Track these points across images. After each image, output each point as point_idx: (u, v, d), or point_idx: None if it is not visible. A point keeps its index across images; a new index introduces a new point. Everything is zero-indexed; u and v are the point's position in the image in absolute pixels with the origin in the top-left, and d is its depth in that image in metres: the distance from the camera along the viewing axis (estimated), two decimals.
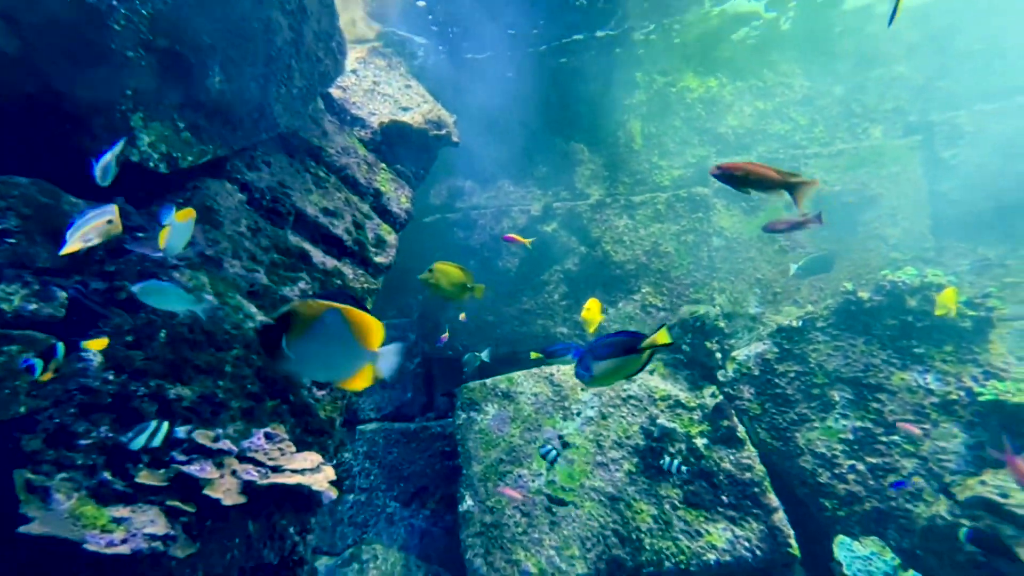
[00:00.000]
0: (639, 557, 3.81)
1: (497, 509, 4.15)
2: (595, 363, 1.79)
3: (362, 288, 2.66)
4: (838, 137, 5.08)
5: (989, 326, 3.90)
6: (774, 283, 5.14)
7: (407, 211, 3.29)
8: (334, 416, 2.29)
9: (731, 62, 5.25)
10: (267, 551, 1.79)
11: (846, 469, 4.12)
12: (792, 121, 5.20)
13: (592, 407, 4.58)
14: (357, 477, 5.58)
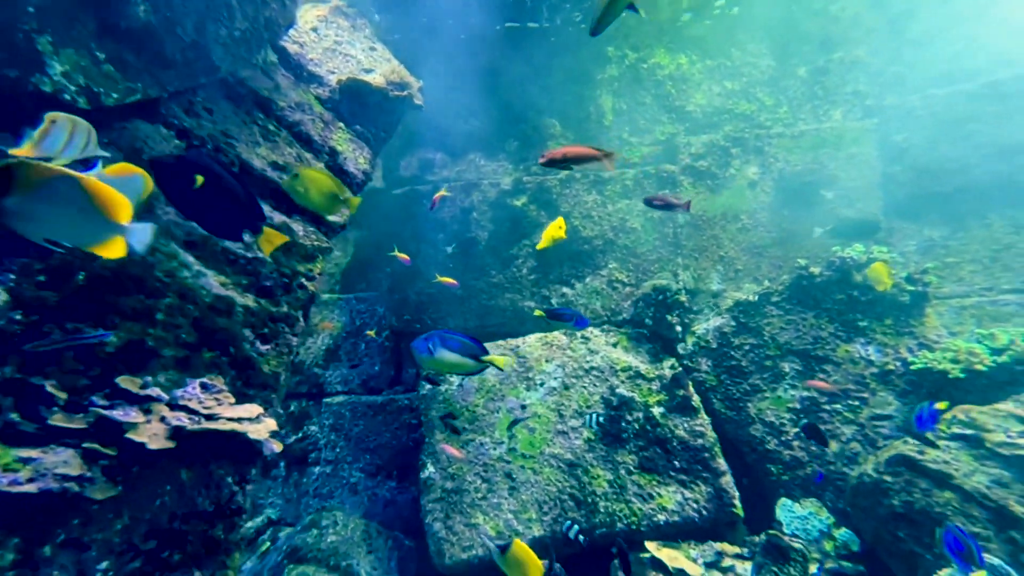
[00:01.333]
0: (593, 519, 3.94)
1: (458, 476, 4.21)
2: (440, 349, 1.88)
3: (312, 246, 2.60)
4: (801, 118, 5.19)
5: (925, 301, 4.11)
6: (736, 261, 5.28)
7: (365, 172, 3.22)
8: (279, 371, 2.26)
9: (701, 40, 5.27)
10: (201, 499, 1.77)
11: (792, 436, 4.33)
12: (758, 101, 5.28)
13: (556, 378, 4.65)
14: (323, 450, 5.56)
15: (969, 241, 4.68)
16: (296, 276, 2.42)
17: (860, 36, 4.88)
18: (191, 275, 1.95)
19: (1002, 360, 3.35)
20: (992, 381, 3.40)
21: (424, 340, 1.91)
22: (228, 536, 1.82)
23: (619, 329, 5.03)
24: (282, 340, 2.28)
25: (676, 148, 5.38)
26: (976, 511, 2.85)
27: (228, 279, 2.10)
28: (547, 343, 4.86)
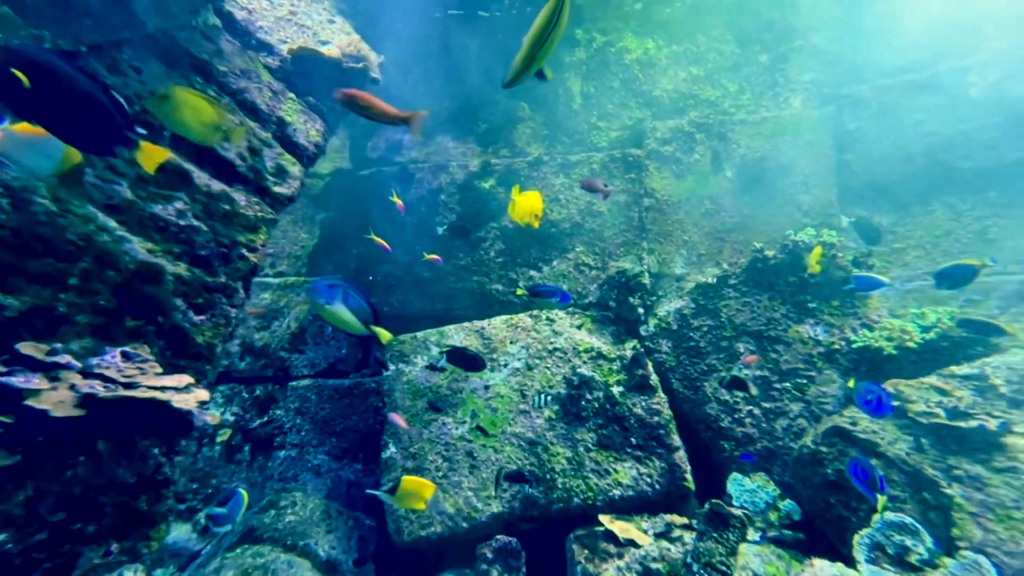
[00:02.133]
0: (551, 495, 4.04)
1: (420, 455, 4.24)
2: (338, 302, 1.88)
3: (255, 217, 2.54)
4: (763, 105, 5.29)
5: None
6: (699, 245, 5.39)
7: (317, 145, 3.14)
8: (215, 342, 2.22)
9: (667, 25, 5.29)
10: (123, 470, 1.74)
11: (744, 414, 4.50)
12: (723, 87, 5.35)
13: (519, 359, 4.71)
14: (289, 434, 5.52)
15: (914, 228, 4.89)
16: (236, 246, 2.35)
17: (818, 25, 4.98)
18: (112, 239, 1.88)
19: (929, 337, 3.55)
20: (920, 357, 3.60)
21: (329, 288, 1.89)
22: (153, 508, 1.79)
23: (584, 312, 5.10)
24: (219, 311, 2.22)
25: (643, 133, 5.42)
26: (896, 475, 3.03)
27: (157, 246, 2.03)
28: (512, 325, 4.90)
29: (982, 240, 4.60)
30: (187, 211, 2.19)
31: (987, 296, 4.57)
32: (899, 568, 2.77)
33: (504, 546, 3.73)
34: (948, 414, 3.02)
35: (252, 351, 5.73)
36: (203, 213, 2.21)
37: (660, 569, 3.41)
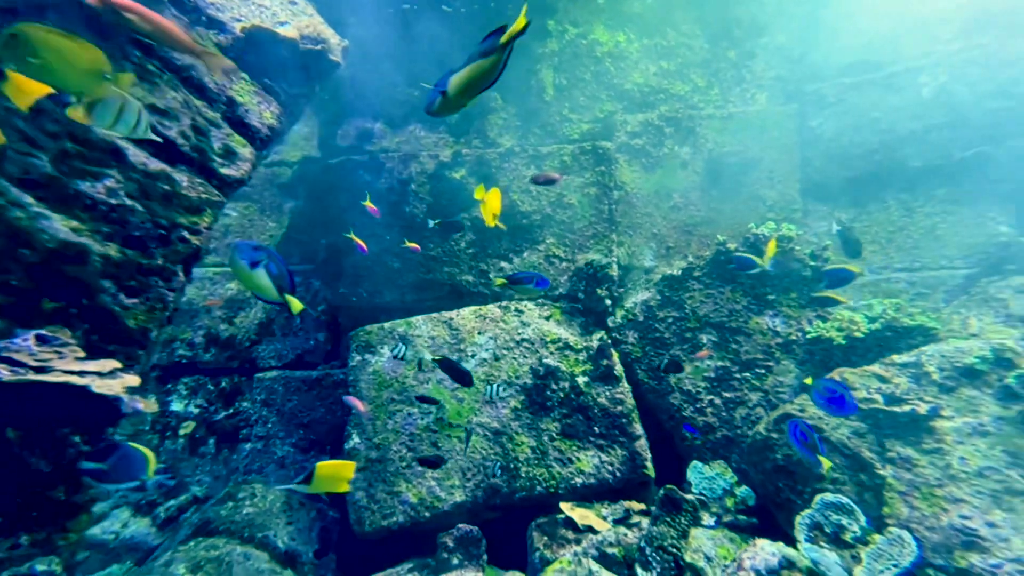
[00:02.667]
0: (514, 484, 4.08)
1: (384, 446, 4.23)
2: (259, 269, 1.83)
3: (199, 198, 2.46)
4: (730, 101, 5.38)
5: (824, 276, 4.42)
6: (668, 238, 5.47)
7: (271, 127, 3.06)
8: (148, 326, 2.15)
9: (639, 18, 5.31)
10: (35, 459, 1.68)
11: (706, 404, 4.61)
12: (692, 82, 5.42)
13: (487, 350, 4.72)
14: (255, 426, 5.44)
15: (871, 223, 5.05)
16: (176, 228, 2.28)
17: (783, 23, 5.07)
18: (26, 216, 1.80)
19: (875, 327, 3.68)
20: (867, 346, 3.73)
21: (252, 250, 1.84)
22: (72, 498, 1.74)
23: (554, 303, 5.13)
24: (154, 294, 2.15)
25: (614, 126, 5.46)
26: (838, 459, 3.16)
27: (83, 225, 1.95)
28: (481, 316, 4.90)
29: (932, 236, 4.78)
30: (119, 190, 2.11)
31: (935, 290, 4.76)
32: (835, 545, 2.90)
33: (465, 535, 3.76)
34: (886, 400, 3.14)
35: (217, 342, 5.61)
36: (139, 192, 2.13)
37: (615, 553, 3.49)
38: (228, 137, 2.68)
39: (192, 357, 5.53)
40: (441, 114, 1.69)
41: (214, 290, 5.62)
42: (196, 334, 5.54)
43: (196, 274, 5.71)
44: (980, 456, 2.74)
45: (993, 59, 4.20)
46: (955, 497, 2.68)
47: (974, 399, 2.97)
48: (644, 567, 3.28)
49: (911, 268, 4.85)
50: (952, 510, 2.64)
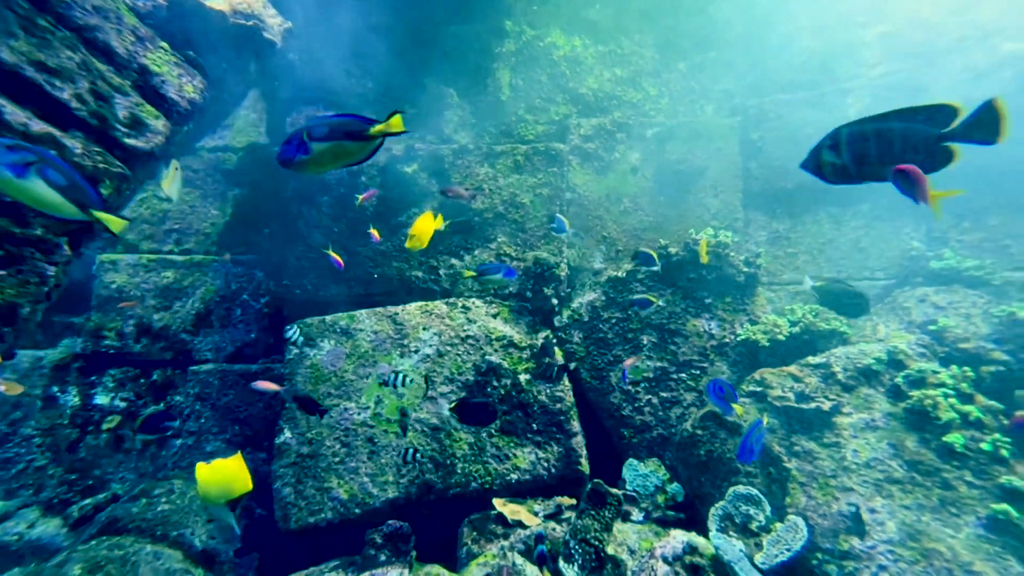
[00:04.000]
0: (449, 480, 4.06)
1: (316, 441, 4.13)
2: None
3: (95, 167, 2.32)
4: (679, 110, 5.56)
5: (757, 281, 4.64)
6: (618, 241, 5.59)
7: (192, 102, 2.93)
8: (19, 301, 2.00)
9: (594, 25, 5.43)
10: None
11: (644, 403, 4.73)
12: (644, 91, 5.58)
13: (431, 345, 4.68)
14: (188, 421, 5.20)
15: (804, 234, 5.33)
16: None
17: (731, 39, 5.30)
18: None
19: (795, 331, 3.89)
20: (788, 348, 3.93)
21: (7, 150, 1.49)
22: None
23: (503, 301, 5.15)
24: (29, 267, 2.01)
25: (568, 129, 5.55)
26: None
27: None
28: (427, 311, 4.86)
29: (856, 248, 5.09)
30: None
31: None
32: (742, 534, 3.03)
33: (395, 531, 3.70)
34: (796, 398, 3.32)
35: (149, 332, 5.34)
36: None
37: (542, 547, 3.51)
38: (138, 107, 2.54)
39: (121, 348, 5.23)
40: (300, 172, 1.70)
41: (148, 278, 5.35)
42: (126, 323, 5.25)
43: (129, 260, 5.42)
44: (869, 449, 2.94)
45: (910, 85, 4.52)
46: (845, 487, 2.86)
47: (870, 397, 3.18)
48: (567, 560, 3.32)
49: (838, 279, 5.14)
50: (842, 498, 2.81)
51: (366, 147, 1.67)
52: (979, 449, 2.71)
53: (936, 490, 2.71)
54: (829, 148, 1.56)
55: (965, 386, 2.95)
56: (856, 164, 1.53)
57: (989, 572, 2.38)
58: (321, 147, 1.64)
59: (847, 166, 1.55)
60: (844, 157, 1.52)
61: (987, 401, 2.91)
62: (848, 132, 1.54)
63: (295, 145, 1.65)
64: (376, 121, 1.65)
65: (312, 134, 1.64)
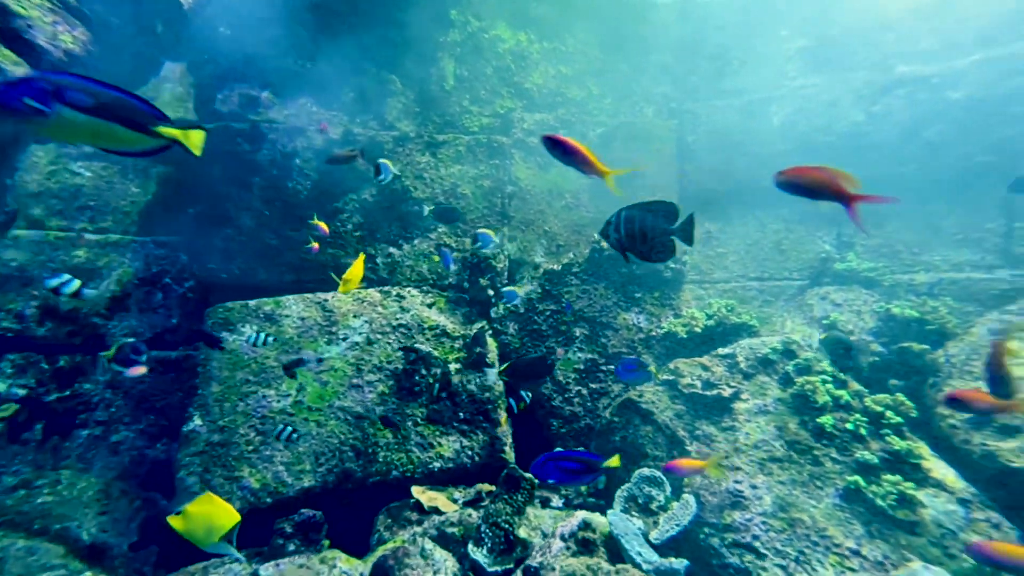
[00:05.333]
0: (370, 468, 4.00)
1: (229, 428, 3.97)
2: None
3: None
4: (621, 111, 5.72)
5: (683, 277, 4.83)
6: (559, 236, 5.68)
7: (69, 53, 2.72)
8: None
9: (540, 20, 5.50)
10: None
11: (573, 394, 4.83)
12: (587, 89, 5.70)
13: (361, 333, 4.60)
14: (96, 410, 4.86)
15: (733, 236, 5.60)
16: None
17: (669, 45, 5.50)
18: None
19: (710, 324, 4.08)
20: (703, 340, 4.13)
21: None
22: None
23: (441, 292, 5.13)
24: None
25: (512, 122, 5.59)
26: (660, 439, 3.45)
27: None
28: (359, 299, 4.77)
29: (778, 250, 5.40)
30: None
31: (777, 297, 5.36)
32: (643, 513, 3.14)
33: (307, 520, 3.61)
34: (703, 385, 3.48)
35: (55, 315, 4.96)
36: None
37: (455, 532, 3.52)
38: None
39: (21, 330, 4.83)
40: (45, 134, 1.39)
41: (55, 256, 4.97)
42: (28, 305, 4.86)
43: (35, 237, 5.03)
44: (759, 431, 3.13)
45: (824, 97, 4.84)
46: (735, 466, 3.03)
47: (765, 384, 3.38)
48: (477, 543, 3.34)
49: (761, 277, 5.43)
50: (731, 477, 2.97)
51: (142, 142, 1.35)
52: (844, 429, 2.95)
53: (807, 466, 2.92)
54: (612, 227, 1.98)
55: (840, 374, 3.19)
56: (628, 240, 1.96)
57: (838, 535, 2.59)
58: (75, 117, 1.24)
59: (622, 241, 1.97)
60: (620, 234, 1.96)
61: (857, 386, 3.16)
62: (621, 217, 1.97)
63: (30, 90, 1.17)
64: (169, 120, 1.35)
65: (69, 97, 1.22)
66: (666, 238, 1.91)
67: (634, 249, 1.95)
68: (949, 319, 3.54)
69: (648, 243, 1.92)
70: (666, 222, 1.90)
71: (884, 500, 2.56)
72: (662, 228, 1.90)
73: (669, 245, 1.93)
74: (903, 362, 3.27)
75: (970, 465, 2.76)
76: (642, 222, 1.91)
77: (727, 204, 5.61)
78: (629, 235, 1.93)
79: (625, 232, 1.94)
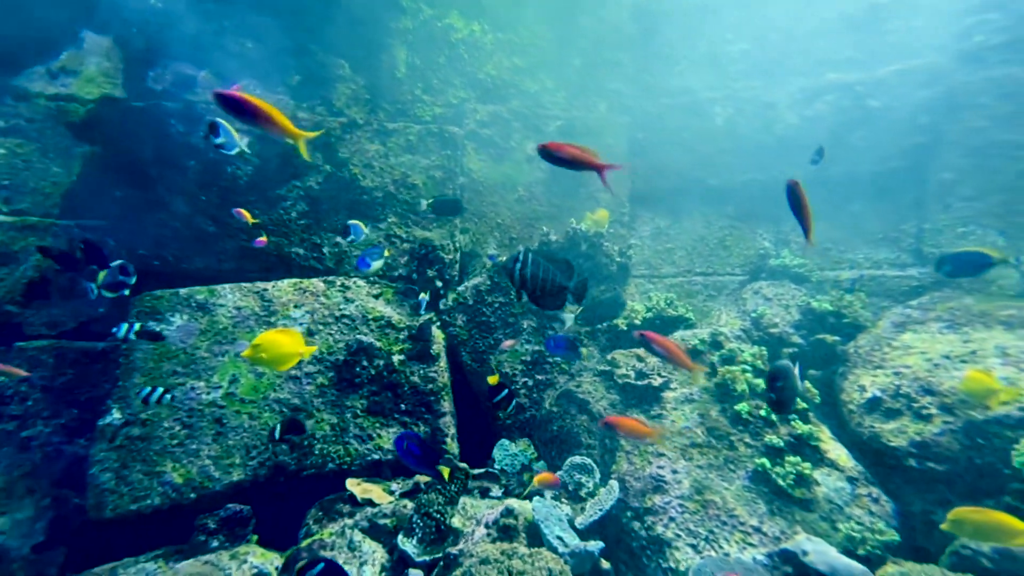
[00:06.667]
0: (304, 461, 3.91)
1: (152, 422, 3.79)
2: None
3: None
4: (574, 105, 5.77)
5: (628, 271, 4.94)
6: (512, 228, 5.69)
7: None
8: None
9: (492, 11, 5.47)
10: None
11: (520, 385, 4.86)
12: (541, 83, 5.72)
13: (301, 324, 4.47)
14: (10, 403, 4.54)
15: (681, 232, 5.77)
16: None
17: (621, 42, 5.59)
18: None
19: (649, 316, 4.19)
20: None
21: None
22: None
23: (391, 283, 5.05)
24: None
25: (464, 113, 5.54)
26: (594, 428, 3.53)
27: None
28: (301, 289, 4.64)
29: (722, 246, 5.59)
30: None
31: (720, 292, 5.57)
32: (572, 500, 3.20)
33: (233, 515, 3.50)
34: (636, 375, 3.58)
35: None
36: None
37: (387, 523, 3.49)
38: None
39: None
40: None
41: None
42: None
43: None
44: (684, 418, 3.25)
45: (761, 100, 5.04)
46: (659, 452, 3.14)
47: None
48: (407, 534, 3.32)
49: (706, 273, 5.62)
50: (655, 463, 3.08)
51: None
52: (759, 415, 3.10)
53: (724, 451, 3.06)
54: (518, 265, 2.07)
55: (760, 363, 3.35)
56: (530, 282, 2.06)
57: (744, 514, 2.74)
58: None
59: (526, 282, 2.07)
60: (525, 275, 2.03)
61: None
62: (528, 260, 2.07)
63: None
64: None
65: None
66: (561, 292, 2.08)
67: (529, 291, 2.07)
68: (863, 313, 3.78)
69: (543, 292, 2.07)
70: (564, 278, 2.07)
71: (784, 480, 2.73)
72: (560, 284, 2.06)
73: (561, 298, 2.12)
74: (817, 353, 3.46)
75: (861, 445, 2.96)
76: (545, 272, 2.06)
77: (677, 200, 5.77)
78: (533, 278, 2.02)
79: (530, 275, 2.02)
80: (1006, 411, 2.64)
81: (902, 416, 2.90)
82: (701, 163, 5.48)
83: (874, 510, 2.68)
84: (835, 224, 4.87)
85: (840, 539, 2.54)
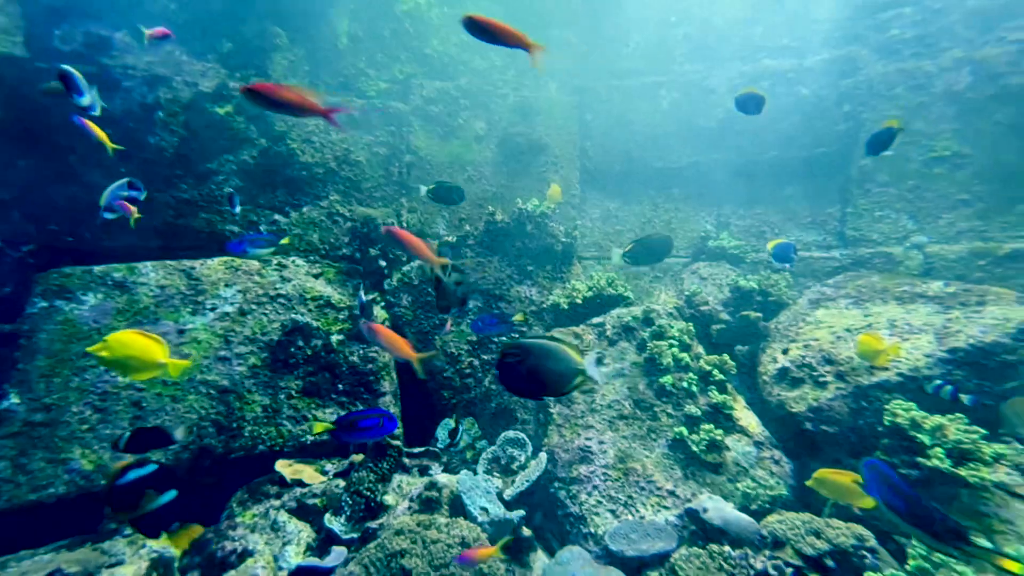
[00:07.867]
0: (232, 444, 3.77)
1: (58, 407, 3.54)
2: None
3: None
4: (525, 85, 5.72)
5: (574, 252, 4.98)
6: (460, 209, 5.61)
7: None
8: None
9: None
10: None
11: (466, 366, 4.85)
12: (490, 61, 5.62)
13: (232, 303, 4.28)
14: None
15: (629, 214, 5.86)
16: None
17: (569, 20, 5.55)
18: None
19: (590, 295, 4.25)
20: (583, 310, 4.30)
21: None
22: None
23: (333, 263, 4.89)
24: None
25: (411, 88, 5.39)
26: (530, 403, 3.56)
27: None
28: (233, 267, 4.42)
29: (668, 228, 5.72)
30: None
31: (666, 273, 5.71)
32: (503, 473, 3.23)
33: None
34: None
35: None
36: None
37: (316, 503, 3.43)
38: None
39: None
40: None
41: None
42: None
43: None
44: (614, 392, 3.33)
45: (705, 84, 5.15)
46: (588, 425, 3.21)
47: (625, 349, 3.60)
48: (336, 512, 3.28)
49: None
50: (583, 435, 3.16)
51: None
52: (681, 387, 3.22)
53: (648, 421, 3.17)
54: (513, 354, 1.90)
55: (686, 338, 3.47)
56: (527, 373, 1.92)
57: (661, 479, 2.86)
58: None
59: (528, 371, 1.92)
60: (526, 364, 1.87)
61: (700, 349, 3.47)
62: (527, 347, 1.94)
63: None
64: None
65: None
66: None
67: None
68: (786, 291, 3.97)
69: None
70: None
71: (698, 447, 2.85)
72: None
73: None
74: (742, 329, 3.61)
75: (770, 413, 3.13)
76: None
77: (625, 183, 5.84)
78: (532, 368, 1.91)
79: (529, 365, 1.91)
80: (886, 376, 2.85)
81: (804, 384, 3.08)
82: (648, 145, 5.56)
83: (774, 470, 2.84)
84: (771, 208, 5.07)
85: (739, 497, 2.68)
